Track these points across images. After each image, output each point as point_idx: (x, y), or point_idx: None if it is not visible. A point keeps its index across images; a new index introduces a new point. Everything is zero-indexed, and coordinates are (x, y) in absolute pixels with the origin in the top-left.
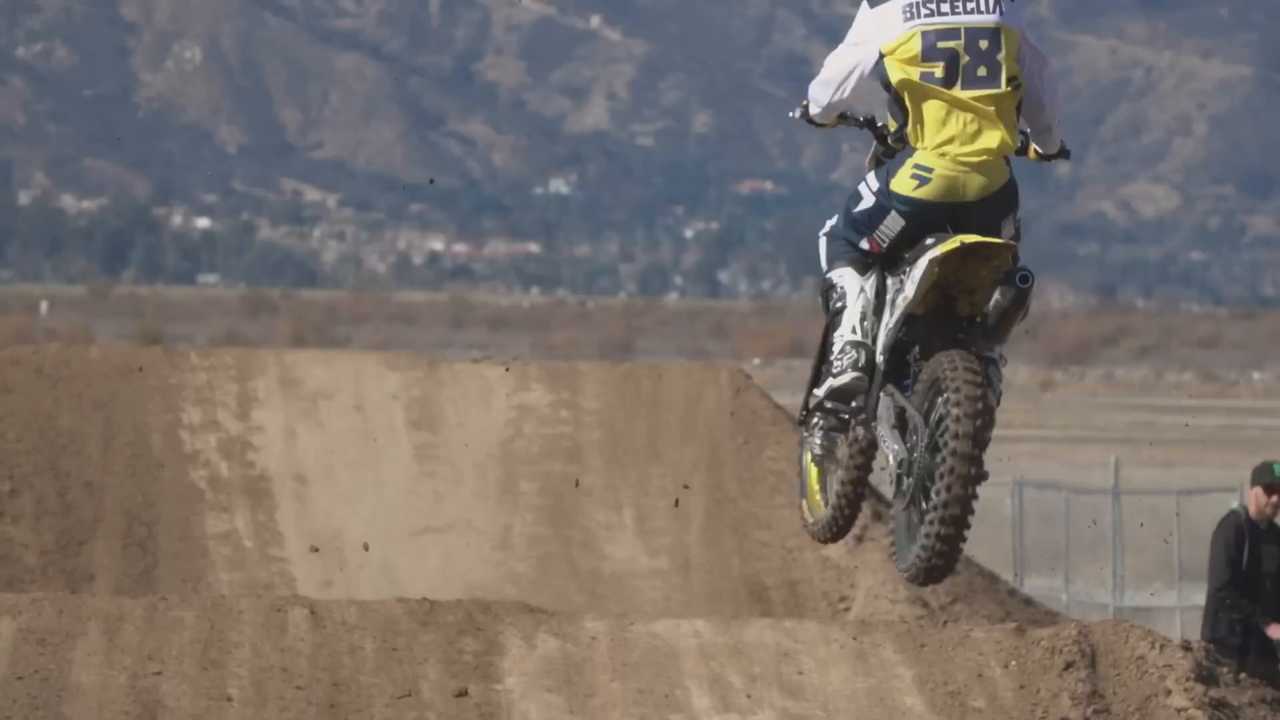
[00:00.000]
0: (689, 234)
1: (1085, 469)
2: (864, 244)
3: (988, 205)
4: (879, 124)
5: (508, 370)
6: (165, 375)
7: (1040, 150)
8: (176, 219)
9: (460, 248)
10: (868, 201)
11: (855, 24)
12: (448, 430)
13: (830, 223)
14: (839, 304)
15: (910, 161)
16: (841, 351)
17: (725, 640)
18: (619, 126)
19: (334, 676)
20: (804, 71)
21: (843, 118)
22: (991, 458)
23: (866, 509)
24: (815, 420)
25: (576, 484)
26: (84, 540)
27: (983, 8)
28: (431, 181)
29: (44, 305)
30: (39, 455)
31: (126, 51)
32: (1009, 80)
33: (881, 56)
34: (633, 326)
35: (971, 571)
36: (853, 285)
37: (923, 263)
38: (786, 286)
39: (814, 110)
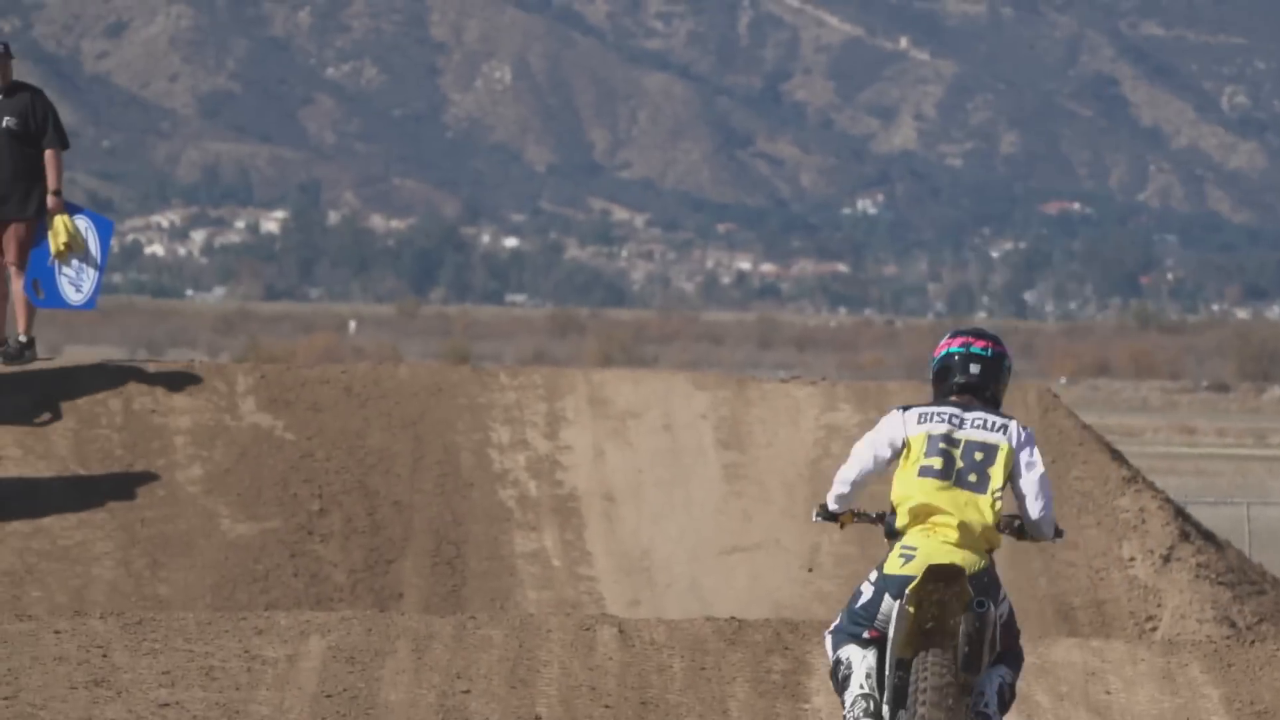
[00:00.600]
0: (996, 254)
1: None
2: (865, 634)
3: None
4: (889, 521)
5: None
6: (474, 394)
7: (1033, 537)
8: (485, 238)
9: (768, 267)
10: (867, 593)
11: (881, 423)
12: (756, 449)
13: (834, 623)
14: (846, 671)
15: (898, 545)
16: (853, 704)
17: (1032, 660)
18: (927, 147)
19: (642, 695)
20: (1111, 92)
21: (856, 515)
22: None
23: (1173, 527)
24: None
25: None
26: (393, 559)
27: (986, 427)
28: None
29: (352, 324)
30: (348, 474)
31: (436, 71)
32: (994, 491)
33: (895, 451)
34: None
35: (1279, 591)
36: (857, 655)
37: (898, 605)
38: (1093, 306)
39: (836, 491)
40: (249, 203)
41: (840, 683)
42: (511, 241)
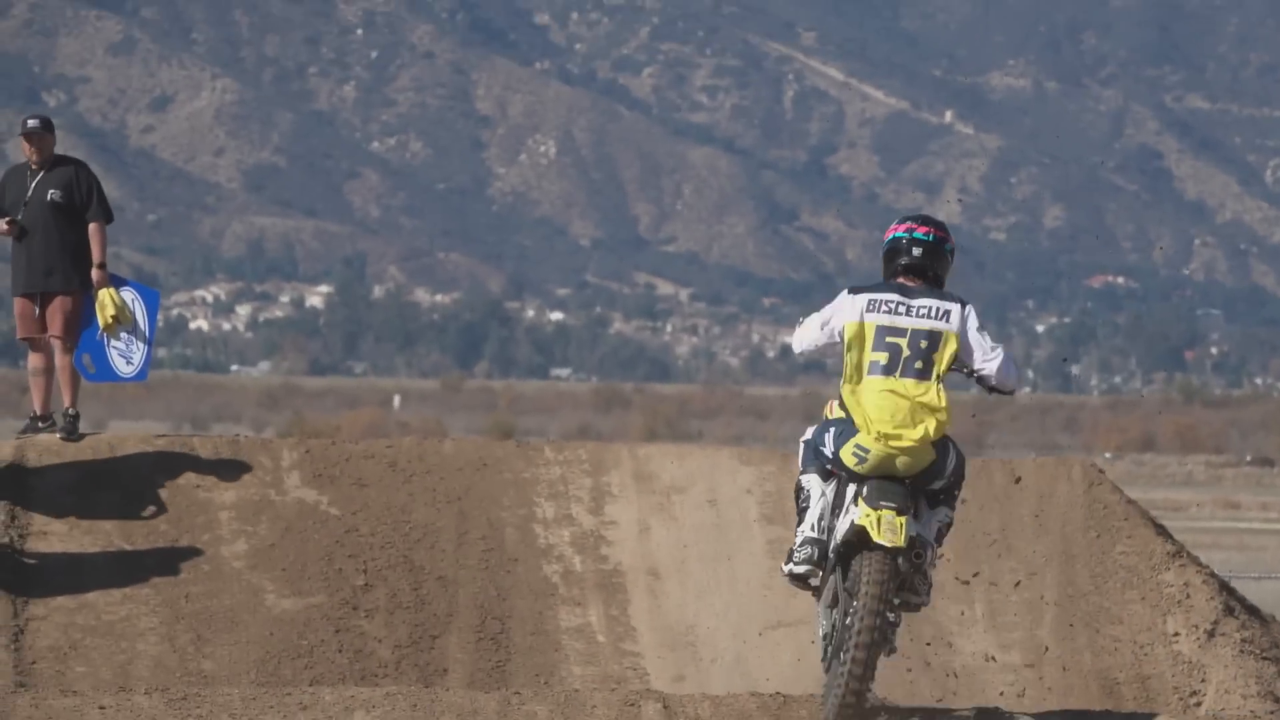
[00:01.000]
0: (1040, 328)
1: None
2: (828, 465)
3: (914, 479)
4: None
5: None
6: (519, 469)
7: (998, 391)
8: (529, 312)
9: None
10: (827, 450)
11: (834, 302)
12: None
13: (811, 431)
14: (804, 504)
15: (853, 441)
16: (801, 545)
17: None
18: (971, 221)
19: None
20: (1155, 166)
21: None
22: None
23: (1218, 602)
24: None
25: (1017, 585)
26: (437, 634)
27: (931, 315)
28: None
29: (397, 399)
30: (393, 549)
31: (481, 145)
32: (939, 377)
33: (843, 333)
34: (984, 421)
35: None
36: (816, 490)
37: (848, 523)
38: (1138, 380)
39: (797, 348)
40: (294, 277)
41: (799, 510)
42: (556, 315)
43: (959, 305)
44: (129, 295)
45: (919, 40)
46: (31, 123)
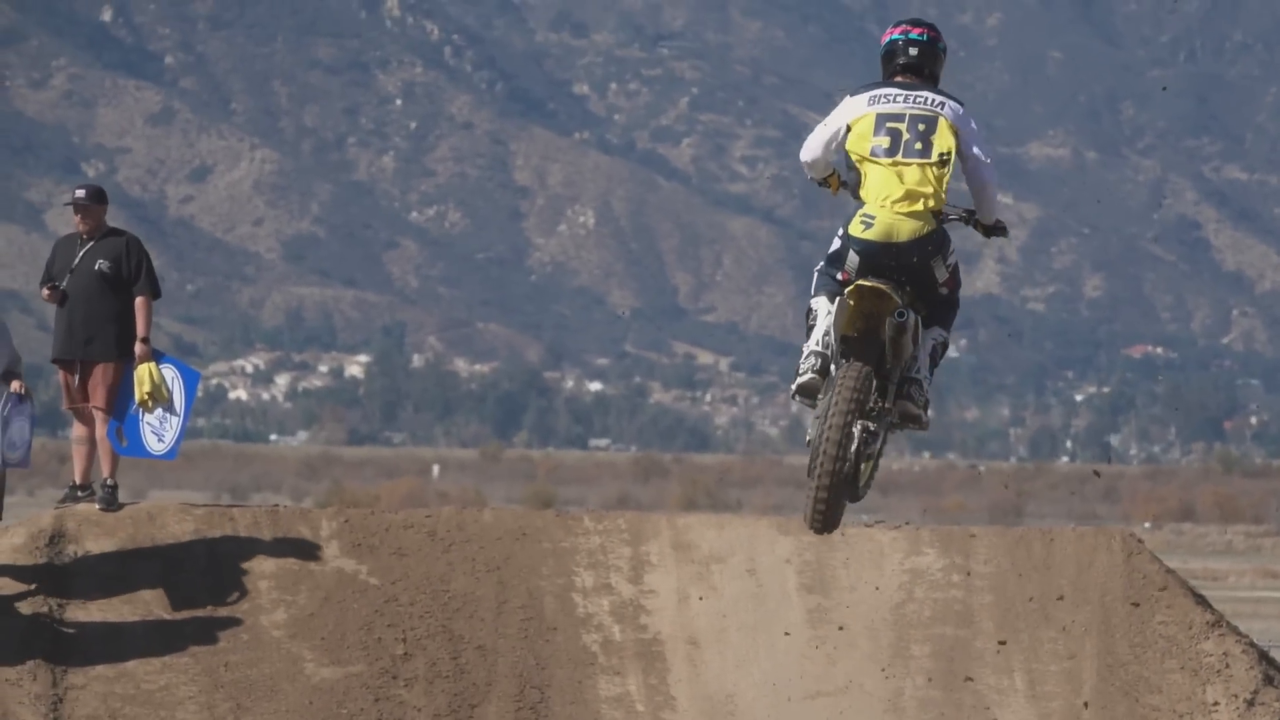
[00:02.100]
0: (1079, 398)
1: None
2: (839, 275)
3: (916, 247)
4: (853, 182)
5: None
6: (558, 539)
7: (980, 220)
8: (568, 382)
9: None
10: (836, 244)
11: (837, 106)
12: (840, 594)
13: (821, 262)
14: (812, 322)
15: (860, 211)
16: (806, 358)
17: None
18: (1010, 291)
19: None
20: (1195, 236)
21: (841, 183)
22: None
23: (1257, 671)
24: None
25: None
26: (476, 704)
27: (927, 103)
28: None
29: (436, 469)
30: (432, 619)
31: (519, 215)
32: (939, 155)
33: (848, 129)
34: (1023, 491)
35: None
36: (824, 308)
37: (839, 299)
38: (1177, 450)
39: (806, 159)
40: (332, 347)
41: (807, 329)
42: (595, 385)
43: (956, 101)
44: (169, 372)
45: None
46: (78, 194)
